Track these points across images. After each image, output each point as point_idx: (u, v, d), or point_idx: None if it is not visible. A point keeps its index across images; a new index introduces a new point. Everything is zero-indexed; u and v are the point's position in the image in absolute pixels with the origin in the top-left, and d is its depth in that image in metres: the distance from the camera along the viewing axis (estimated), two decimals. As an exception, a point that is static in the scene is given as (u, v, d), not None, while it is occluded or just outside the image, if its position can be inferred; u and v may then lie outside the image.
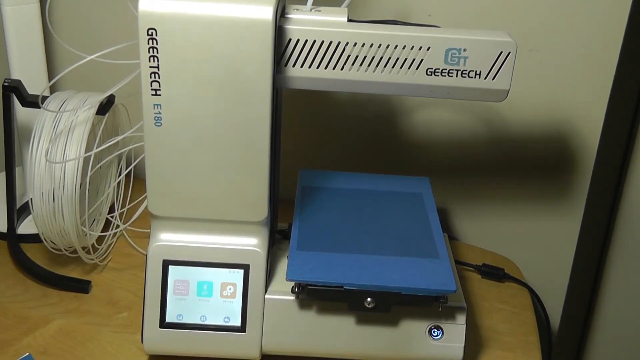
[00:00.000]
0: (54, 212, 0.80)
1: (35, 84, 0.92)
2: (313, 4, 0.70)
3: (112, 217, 0.93)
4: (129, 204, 0.94)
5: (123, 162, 0.93)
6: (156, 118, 0.65)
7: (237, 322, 0.71)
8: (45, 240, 0.84)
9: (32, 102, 0.84)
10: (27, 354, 0.73)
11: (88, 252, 0.87)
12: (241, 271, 0.71)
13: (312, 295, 0.69)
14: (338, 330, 0.71)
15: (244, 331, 0.71)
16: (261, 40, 0.62)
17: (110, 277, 0.87)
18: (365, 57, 0.67)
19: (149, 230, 0.71)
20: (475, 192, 1.03)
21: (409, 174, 0.90)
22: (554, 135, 0.98)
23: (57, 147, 0.80)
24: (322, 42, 0.67)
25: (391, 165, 1.04)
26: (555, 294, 1.03)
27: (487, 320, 0.84)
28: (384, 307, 0.69)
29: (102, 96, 0.83)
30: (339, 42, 0.67)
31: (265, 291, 0.71)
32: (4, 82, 0.84)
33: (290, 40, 0.67)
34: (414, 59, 0.67)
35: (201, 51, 0.63)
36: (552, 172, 1.00)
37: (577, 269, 1.00)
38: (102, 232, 0.91)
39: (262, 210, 0.69)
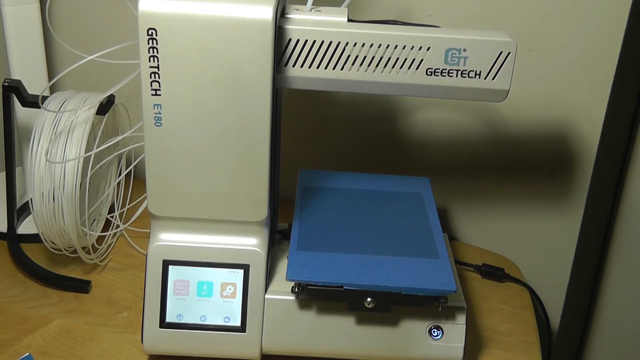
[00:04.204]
0: (54, 212, 0.81)
1: (35, 84, 0.92)
2: (313, 4, 0.70)
3: (112, 217, 0.93)
4: (129, 204, 0.94)
5: (123, 162, 0.93)
6: (156, 118, 0.65)
7: (237, 322, 0.71)
8: (45, 240, 0.84)
9: (32, 102, 0.84)
10: (27, 354, 0.73)
11: (88, 252, 0.87)
12: (241, 271, 0.71)
13: (312, 295, 0.69)
14: (338, 330, 0.71)
15: (244, 331, 0.71)
16: (261, 40, 0.62)
17: (110, 277, 0.87)
18: (365, 57, 0.67)
19: (149, 230, 0.71)
20: (475, 192, 1.03)
21: (409, 174, 0.90)
22: (554, 135, 0.98)
23: (57, 147, 0.80)
24: (322, 42, 0.67)
25: (391, 165, 1.04)
26: (555, 294, 1.03)
27: (487, 320, 0.84)
28: (384, 307, 0.69)
29: (102, 96, 0.83)
30: (339, 42, 0.67)
31: (265, 291, 0.71)
32: (4, 82, 0.84)
33: (290, 40, 0.67)
34: (414, 59, 0.67)
35: (201, 51, 0.63)
36: (552, 171, 1.00)
37: (577, 269, 1.00)
38: (102, 232, 0.91)
39: (262, 210, 0.69)
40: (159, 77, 0.64)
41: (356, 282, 0.68)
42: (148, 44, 0.62)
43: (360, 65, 0.68)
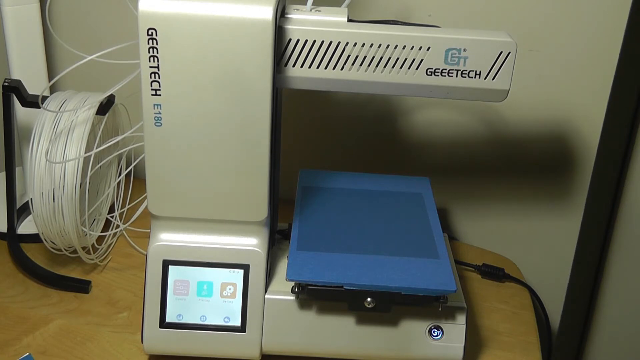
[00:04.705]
0: (54, 212, 0.81)
1: (35, 84, 0.92)
2: (313, 4, 0.70)
3: (112, 217, 0.93)
4: (129, 204, 0.94)
5: (123, 162, 0.93)
6: (156, 118, 0.65)
7: (237, 322, 0.71)
8: (45, 240, 0.84)
9: (32, 102, 0.84)
10: (27, 354, 0.73)
11: (88, 252, 0.87)
12: (241, 271, 0.71)
13: (312, 295, 0.69)
14: (338, 330, 0.71)
15: (244, 331, 0.71)
16: (261, 40, 0.62)
17: (110, 277, 0.87)
18: (365, 57, 0.67)
19: (149, 230, 0.71)
20: (475, 192, 1.03)
21: (409, 174, 0.90)
22: (554, 135, 0.98)
23: (57, 147, 0.80)
24: (322, 42, 0.67)
25: (391, 165, 1.04)
26: (555, 294, 1.03)
27: (487, 320, 0.84)
28: (384, 307, 0.69)
29: (102, 96, 0.83)
30: (339, 42, 0.67)
31: (265, 291, 0.71)
32: (4, 82, 0.84)
33: (290, 40, 0.67)
34: (414, 59, 0.67)
35: (201, 51, 0.63)
36: (552, 172, 1.00)
37: (577, 269, 1.00)
38: (102, 232, 0.91)
39: (262, 210, 0.69)
40: (159, 77, 0.64)
41: (356, 282, 0.68)
42: (148, 44, 0.62)
43: (360, 65, 0.68)
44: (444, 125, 1.00)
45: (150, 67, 0.63)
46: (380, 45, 0.67)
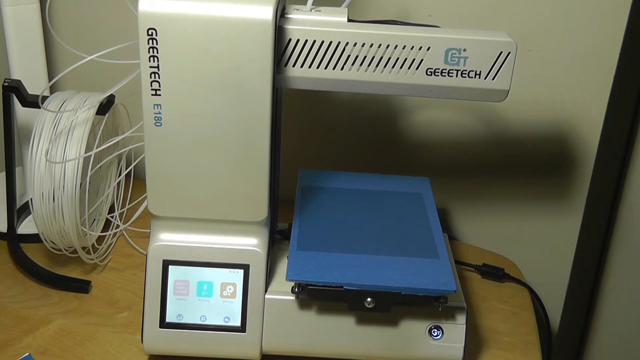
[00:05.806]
0: (54, 212, 0.81)
1: (35, 84, 0.92)
2: (313, 4, 0.70)
3: (112, 217, 0.93)
4: (129, 204, 0.94)
5: (123, 162, 0.93)
6: (156, 118, 0.65)
7: (237, 322, 0.71)
8: (45, 240, 0.84)
9: (32, 102, 0.84)
10: (27, 354, 0.73)
11: (88, 252, 0.87)
12: (241, 271, 0.71)
13: (312, 295, 0.69)
14: (338, 330, 0.71)
15: (244, 331, 0.71)
16: (261, 40, 0.62)
17: (110, 277, 0.87)
18: (365, 57, 0.67)
19: (149, 230, 0.71)
20: (475, 192, 1.03)
21: (409, 174, 0.90)
22: (554, 135, 0.98)
23: (57, 147, 0.80)
24: (322, 42, 0.67)
25: (391, 165, 1.04)
26: (555, 294, 1.03)
27: (487, 320, 0.84)
28: (384, 307, 0.69)
29: (102, 96, 0.83)
30: (339, 42, 0.67)
31: (265, 291, 0.71)
32: (4, 82, 0.84)
33: (290, 40, 0.67)
34: (414, 59, 0.67)
35: (201, 51, 0.63)
36: (552, 172, 1.00)
37: (577, 269, 1.00)
38: (102, 232, 0.91)
39: (262, 210, 0.70)
40: (159, 77, 0.64)
41: (356, 282, 0.68)
42: (148, 44, 0.62)
43: (360, 65, 0.68)
44: (444, 125, 1.00)
45: (150, 67, 0.63)
46: (380, 45, 0.67)
